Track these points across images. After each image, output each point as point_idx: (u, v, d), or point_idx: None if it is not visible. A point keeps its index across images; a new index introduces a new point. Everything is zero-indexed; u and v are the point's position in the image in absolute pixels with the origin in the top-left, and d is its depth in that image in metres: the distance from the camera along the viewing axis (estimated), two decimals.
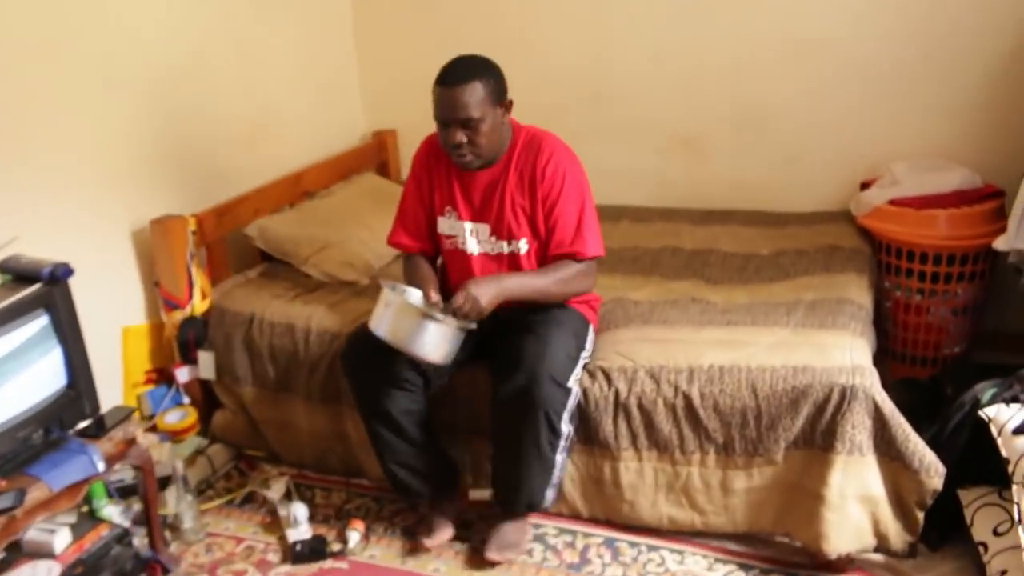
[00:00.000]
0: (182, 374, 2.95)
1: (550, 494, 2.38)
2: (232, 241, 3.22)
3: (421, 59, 3.79)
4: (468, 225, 2.41)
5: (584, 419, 2.40)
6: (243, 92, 3.29)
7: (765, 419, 2.28)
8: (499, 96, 2.26)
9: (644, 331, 2.55)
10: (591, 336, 2.46)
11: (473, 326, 2.23)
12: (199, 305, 2.89)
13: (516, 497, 2.35)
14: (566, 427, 2.31)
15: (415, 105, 3.75)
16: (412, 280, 2.44)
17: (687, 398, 2.32)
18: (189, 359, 2.93)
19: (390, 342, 2.18)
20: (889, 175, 3.15)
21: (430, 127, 2.34)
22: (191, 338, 2.89)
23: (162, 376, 3.03)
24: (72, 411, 2.24)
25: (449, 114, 2.21)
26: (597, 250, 2.36)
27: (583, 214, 2.34)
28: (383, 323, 2.21)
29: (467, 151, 2.26)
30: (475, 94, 2.19)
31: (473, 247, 2.41)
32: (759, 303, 2.68)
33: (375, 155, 3.88)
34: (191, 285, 2.87)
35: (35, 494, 1.99)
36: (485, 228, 2.40)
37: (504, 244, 2.38)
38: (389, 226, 3.09)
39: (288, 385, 2.80)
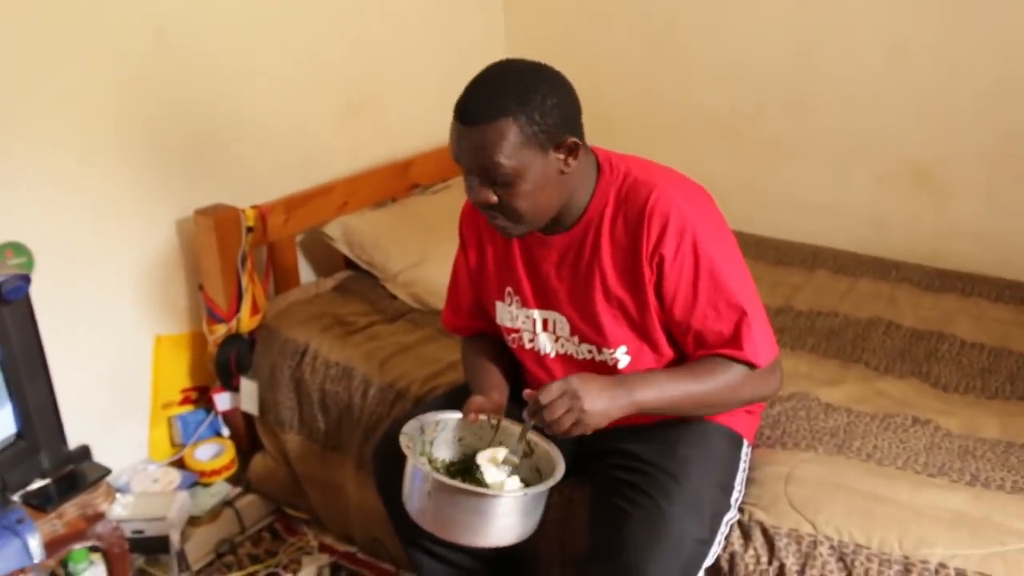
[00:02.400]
0: (222, 401, 2.36)
1: None
2: (312, 242, 2.58)
3: (579, 30, 3.09)
4: (537, 315, 1.61)
5: None
6: (344, 48, 2.61)
7: None
8: (551, 135, 1.40)
9: (836, 466, 1.69)
10: (745, 462, 1.65)
11: (558, 477, 1.44)
12: (246, 320, 2.26)
13: None
14: None
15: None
16: (474, 382, 1.68)
17: None
18: (230, 385, 2.32)
19: (435, 533, 1.42)
20: None
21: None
22: (233, 360, 2.28)
23: (203, 397, 2.44)
24: (21, 469, 1.65)
25: (466, 159, 1.42)
26: (770, 350, 1.52)
27: (739, 301, 1.48)
28: (415, 501, 1.43)
29: (499, 216, 1.47)
30: (505, 137, 1.37)
31: (547, 345, 1.62)
32: (1020, 444, 1.77)
33: None
34: (239, 295, 2.24)
35: None
36: (563, 322, 1.59)
37: (591, 349, 1.58)
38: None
39: (339, 443, 2.14)
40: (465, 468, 1.53)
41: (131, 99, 2.13)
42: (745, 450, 1.66)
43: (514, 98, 1.38)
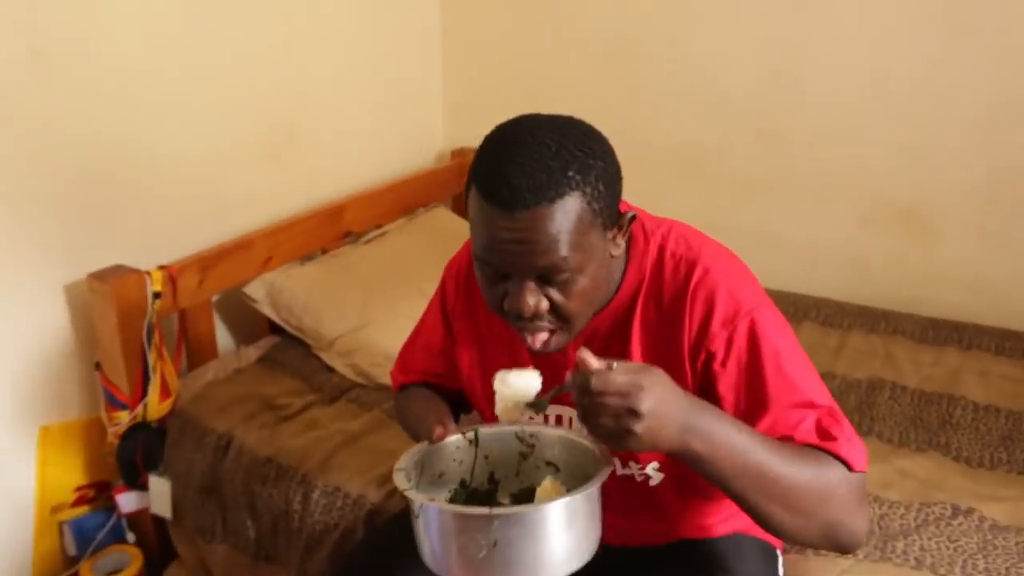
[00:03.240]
0: (126, 501, 1.95)
1: None
2: (230, 303, 2.20)
3: (524, 56, 2.78)
4: (550, 412, 1.28)
5: None
6: (264, 77, 2.25)
7: None
8: (612, 210, 1.10)
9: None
10: None
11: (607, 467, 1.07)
12: (155, 407, 1.87)
13: None
14: None
15: (515, 111, 2.89)
16: (416, 417, 1.32)
17: None
18: (136, 483, 1.92)
19: None
20: None
21: None
22: (139, 454, 1.88)
23: (103, 495, 2.03)
24: None
25: (513, 258, 1.07)
26: (864, 456, 1.13)
27: (815, 399, 1.13)
28: (462, 563, 1.03)
29: (547, 326, 1.12)
30: (573, 219, 1.05)
31: None
32: None
33: (452, 182, 2.82)
34: (145, 375, 1.85)
35: None
36: (580, 424, 1.22)
37: (616, 462, 1.23)
38: None
39: (274, 554, 1.76)
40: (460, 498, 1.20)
41: (2, 135, 1.73)
42: (780, 564, 1.38)
43: (575, 165, 1.05)
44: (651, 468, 1.24)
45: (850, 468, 1.09)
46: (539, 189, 1.03)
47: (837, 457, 1.09)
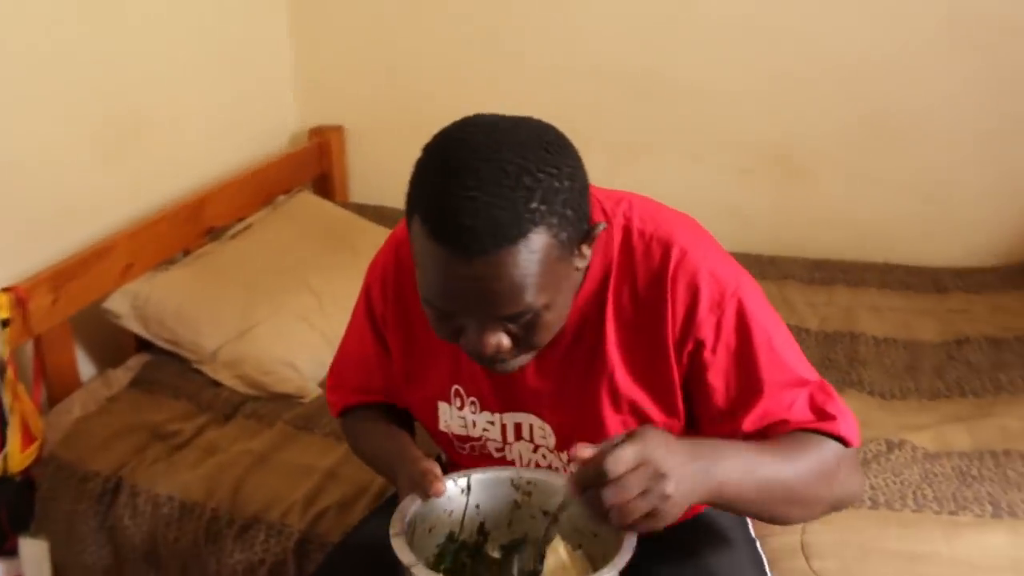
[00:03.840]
0: None
1: None
2: (86, 322, 1.92)
3: (382, 30, 2.58)
4: (506, 419, 1.15)
5: None
6: (103, 63, 1.96)
7: None
8: (580, 229, 0.95)
9: (847, 522, 1.41)
10: (759, 543, 1.31)
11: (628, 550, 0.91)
12: (17, 456, 1.58)
13: None
14: None
15: (373, 86, 2.63)
16: (388, 452, 1.16)
17: None
18: (2, 549, 1.64)
19: None
20: None
21: (393, 118, 1.15)
22: (3, 515, 1.60)
23: None
24: None
25: (464, 308, 0.94)
26: (856, 428, 1.10)
27: (806, 375, 1.08)
28: None
29: (510, 356, 0.99)
30: (539, 258, 0.90)
31: (524, 455, 1.17)
32: (1000, 451, 1.60)
33: (312, 164, 2.60)
34: (1, 420, 1.57)
35: None
36: (545, 430, 1.14)
37: (589, 447, 1.11)
38: (340, 282, 1.97)
39: None
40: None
41: None
42: (750, 524, 1.33)
43: (538, 193, 0.88)
44: None
45: (847, 444, 1.06)
46: (499, 229, 0.87)
47: (835, 437, 1.05)
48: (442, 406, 1.18)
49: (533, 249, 0.89)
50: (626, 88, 2.46)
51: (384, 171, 2.75)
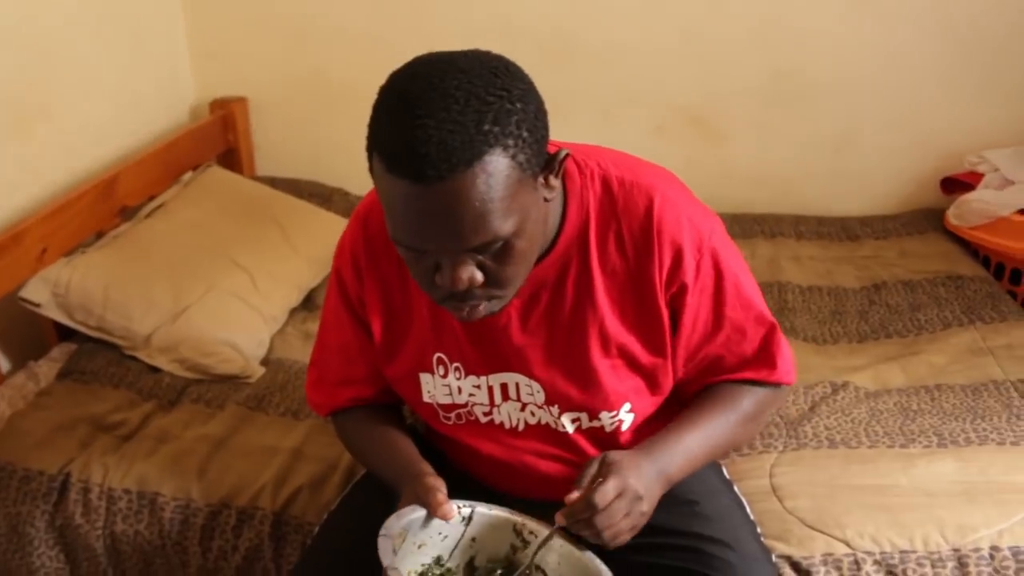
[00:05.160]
0: None
1: None
2: (2, 315, 1.78)
3: None
4: (492, 380, 1.15)
5: None
6: None
7: None
8: (539, 154, 0.95)
9: (811, 461, 1.49)
10: (732, 481, 1.37)
11: None
12: None
13: None
14: None
15: (275, 55, 2.52)
16: (392, 463, 1.15)
17: None
18: None
19: None
20: (991, 171, 2.28)
21: (298, 88, 1.23)
22: None
23: None
24: None
25: (430, 239, 0.94)
26: (793, 368, 1.22)
27: (765, 313, 1.17)
28: None
29: (482, 298, 0.99)
30: (497, 180, 0.90)
31: (512, 417, 1.18)
32: (932, 386, 1.71)
33: (216, 138, 2.48)
34: None
35: None
36: (532, 386, 1.15)
37: (578, 418, 1.16)
38: (271, 258, 1.93)
39: None
40: None
41: None
42: (725, 469, 1.38)
43: (489, 115, 0.89)
44: (623, 411, 1.17)
45: (784, 385, 1.21)
46: (452, 153, 0.87)
47: (772, 383, 1.19)
48: (424, 377, 1.17)
49: (490, 172, 0.89)
50: (536, 47, 2.43)
51: (291, 143, 2.66)
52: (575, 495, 0.99)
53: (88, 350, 1.78)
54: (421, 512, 1.01)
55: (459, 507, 1.03)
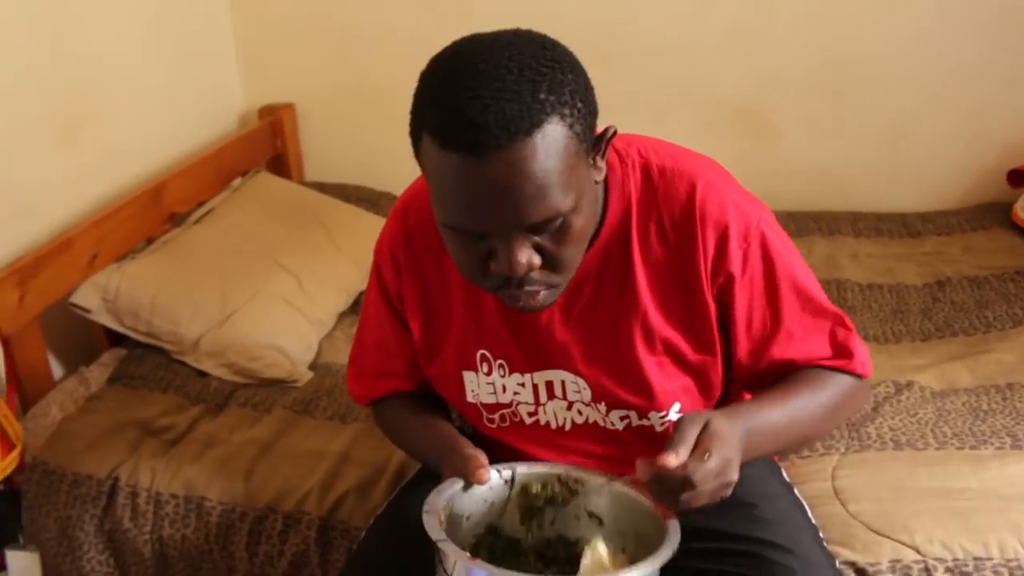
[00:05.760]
0: None
1: None
2: (51, 319, 1.79)
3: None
4: (539, 380, 1.11)
5: None
6: (47, 48, 1.82)
7: None
8: (591, 131, 0.92)
9: (876, 464, 1.42)
10: (792, 483, 1.31)
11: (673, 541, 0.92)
12: None
13: None
14: None
15: (322, 61, 2.51)
16: (431, 442, 1.12)
17: None
18: None
19: None
20: None
21: (345, 93, 1.31)
22: None
23: None
24: None
25: (488, 217, 0.89)
26: (869, 360, 1.13)
27: (828, 305, 1.10)
28: None
29: (541, 283, 0.94)
30: (557, 150, 0.86)
31: (559, 416, 1.13)
32: (1004, 385, 1.63)
33: (265, 144, 2.49)
34: None
35: None
36: (578, 383, 1.10)
37: (627, 415, 1.11)
38: (318, 261, 1.91)
39: None
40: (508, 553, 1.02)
41: None
42: (784, 472, 1.32)
43: (544, 84, 0.86)
44: (673, 412, 1.12)
45: (863, 378, 1.12)
46: (511, 121, 0.84)
47: (854, 374, 1.10)
48: (468, 376, 1.14)
49: (550, 141, 0.86)
50: (583, 47, 2.38)
51: (338, 148, 2.66)
52: (671, 459, 0.88)
53: (137, 355, 1.78)
54: (460, 484, 0.97)
55: (499, 471, 1.00)
